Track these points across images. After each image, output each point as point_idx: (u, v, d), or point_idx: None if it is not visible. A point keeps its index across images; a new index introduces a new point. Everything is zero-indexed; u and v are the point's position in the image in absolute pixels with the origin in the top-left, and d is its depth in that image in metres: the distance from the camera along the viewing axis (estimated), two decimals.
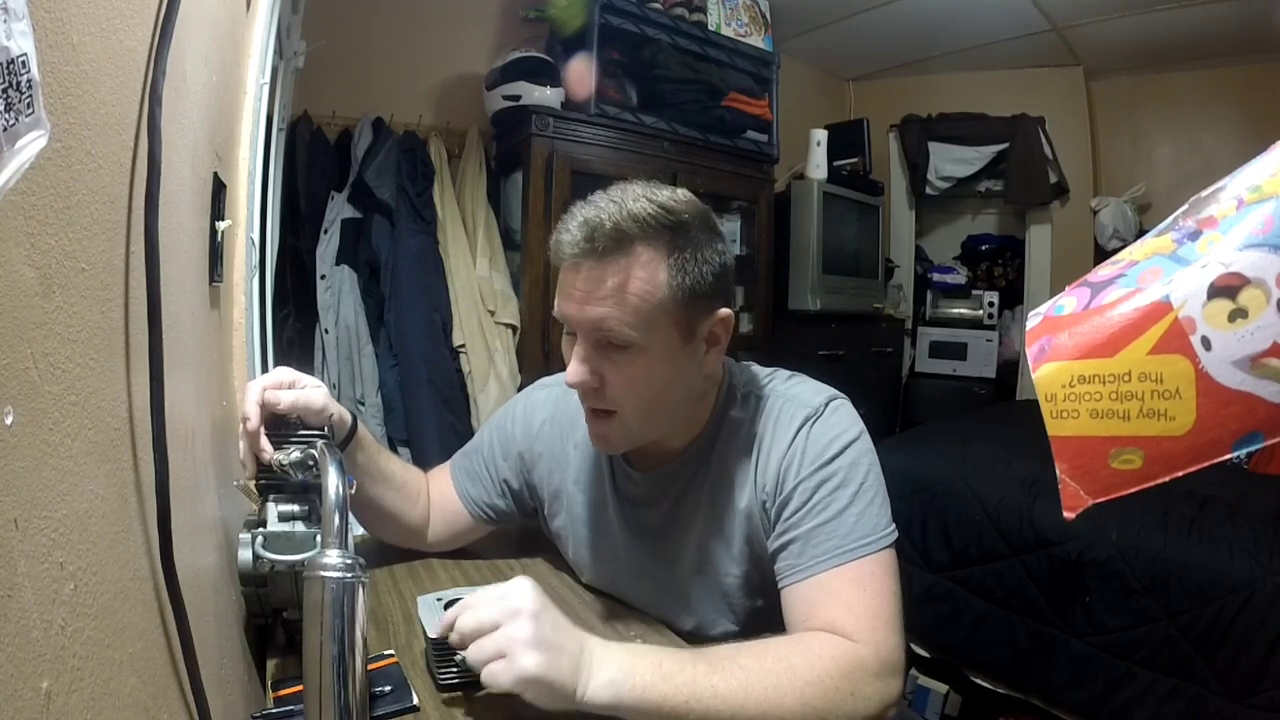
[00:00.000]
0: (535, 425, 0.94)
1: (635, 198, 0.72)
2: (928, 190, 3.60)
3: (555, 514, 0.94)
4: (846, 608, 0.68)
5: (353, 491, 0.69)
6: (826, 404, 0.78)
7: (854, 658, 0.64)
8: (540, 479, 0.94)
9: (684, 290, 0.71)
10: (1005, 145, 3.39)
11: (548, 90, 2.28)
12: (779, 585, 0.74)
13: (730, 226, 2.88)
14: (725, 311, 0.76)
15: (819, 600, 0.70)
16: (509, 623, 0.57)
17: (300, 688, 0.50)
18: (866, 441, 0.77)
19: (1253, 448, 0.46)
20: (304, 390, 0.77)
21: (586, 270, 0.70)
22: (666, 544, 0.85)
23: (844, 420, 0.77)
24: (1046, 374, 0.52)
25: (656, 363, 0.72)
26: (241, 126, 1.11)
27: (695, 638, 0.83)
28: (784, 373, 0.86)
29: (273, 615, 0.74)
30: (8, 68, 0.26)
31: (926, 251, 3.84)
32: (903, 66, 3.67)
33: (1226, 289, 0.45)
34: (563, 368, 0.76)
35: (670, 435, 0.82)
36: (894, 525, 0.74)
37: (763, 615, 0.80)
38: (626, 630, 0.83)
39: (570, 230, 0.70)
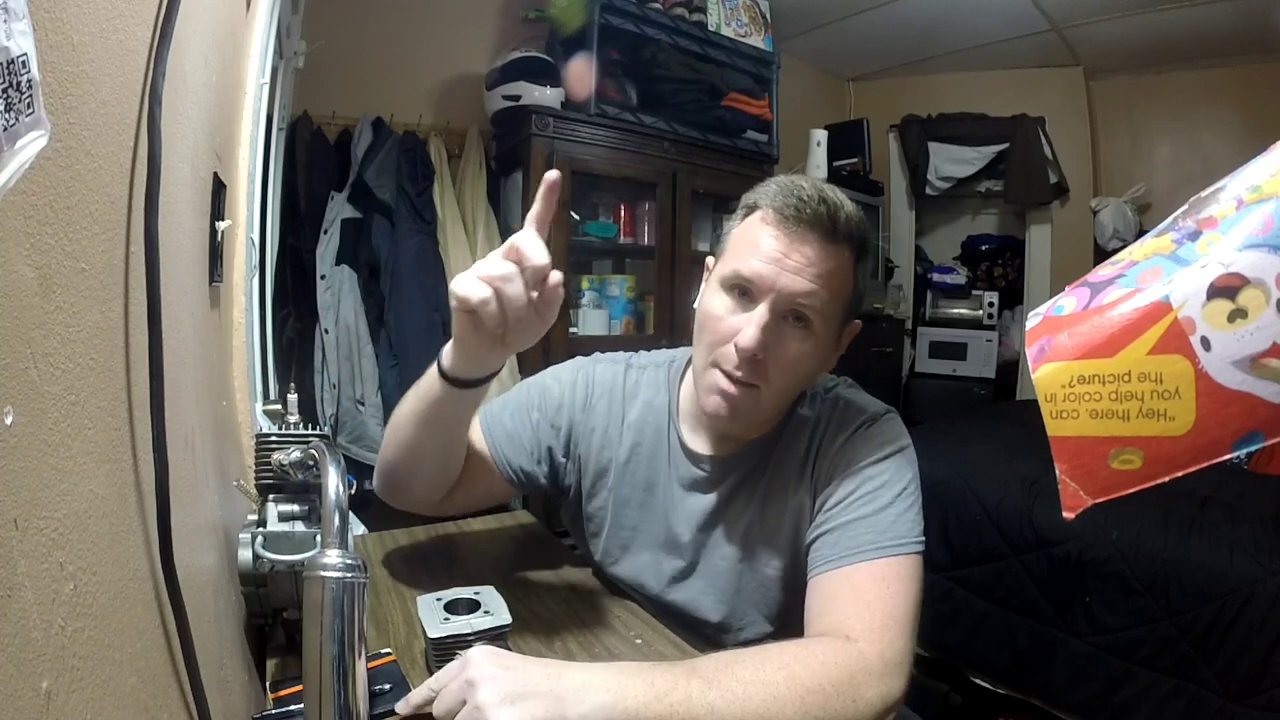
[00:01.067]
0: (594, 398, 0.91)
1: (845, 200, 0.76)
2: (928, 190, 3.61)
3: (596, 493, 0.91)
4: (864, 603, 0.68)
5: (352, 491, 0.69)
6: (884, 413, 0.82)
7: (857, 661, 0.63)
8: (589, 453, 0.90)
9: (855, 295, 0.78)
10: (1005, 145, 3.39)
11: (548, 90, 2.28)
12: (808, 575, 0.75)
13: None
14: (858, 322, 0.82)
15: (840, 593, 0.71)
16: (471, 693, 0.55)
17: (300, 688, 0.50)
18: (913, 454, 0.80)
19: (1253, 448, 0.46)
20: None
21: (815, 244, 0.72)
22: (715, 531, 0.85)
23: (896, 429, 0.81)
24: (1046, 374, 0.52)
25: (815, 350, 0.76)
26: (241, 126, 1.11)
27: (721, 632, 0.84)
28: (847, 380, 0.89)
29: (273, 615, 0.74)
30: (8, 68, 0.26)
31: (926, 251, 3.84)
32: (903, 66, 3.68)
33: (1226, 289, 0.45)
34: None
35: (755, 423, 0.82)
36: (925, 538, 0.75)
37: (794, 614, 0.80)
38: (627, 632, 0.83)
39: (806, 199, 0.72)
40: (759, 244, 0.73)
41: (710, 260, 0.83)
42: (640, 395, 0.91)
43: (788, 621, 0.81)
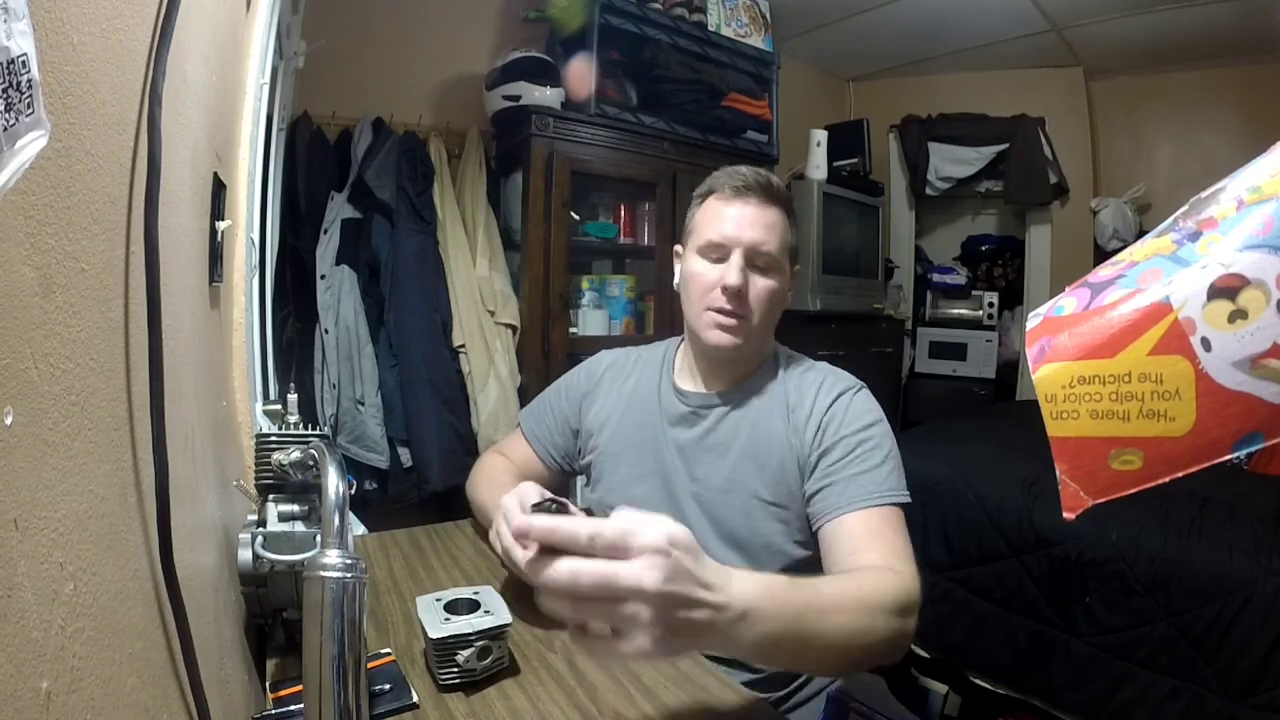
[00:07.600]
0: (599, 373, 1.12)
1: (773, 175, 0.96)
2: (928, 190, 3.61)
3: (599, 437, 1.06)
4: (887, 542, 0.80)
5: (352, 492, 0.69)
6: (861, 387, 0.96)
7: (904, 586, 0.71)
8: (594, 412, 1.08)
9: (791, 245, 0.98)
10: (1005, 146, 3.39)
11: (548, 90, 2.28)
12: (823, 520, 0.86)
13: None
14: (798, 266, 1.02)
15: (865, 533, 0.82)
16: (630, 604, 0.44)
17: (300, 688, 0.50)
18: (889, 425, 0.93)
19: (1253, 448, 0.46)
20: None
21: (756, 205, 0.93)
22: (701, 463, 0.96)
23: (874, 403, 0.95)
24: (1046, 375, 0.52)
25: (779, 285, 0.95)
26: (241, 126, 1.11)
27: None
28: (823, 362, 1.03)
29: (273, 615, 0.74)
30: (8, 68, 0.26)
31: (926, 252, 3.84)
32: (903, 66, 3.67)
33: (1226, 290, 0.45)
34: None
35: (749, 354, 0.97)
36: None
37: (773, 543, 0.91)
38: None
39: (742, 175, 0.94)
40: (721, 215, 0.93)
41: (678, 248, 1.03)
42: (640, 366, 1.10)
43: (761, 550, 0.91)
